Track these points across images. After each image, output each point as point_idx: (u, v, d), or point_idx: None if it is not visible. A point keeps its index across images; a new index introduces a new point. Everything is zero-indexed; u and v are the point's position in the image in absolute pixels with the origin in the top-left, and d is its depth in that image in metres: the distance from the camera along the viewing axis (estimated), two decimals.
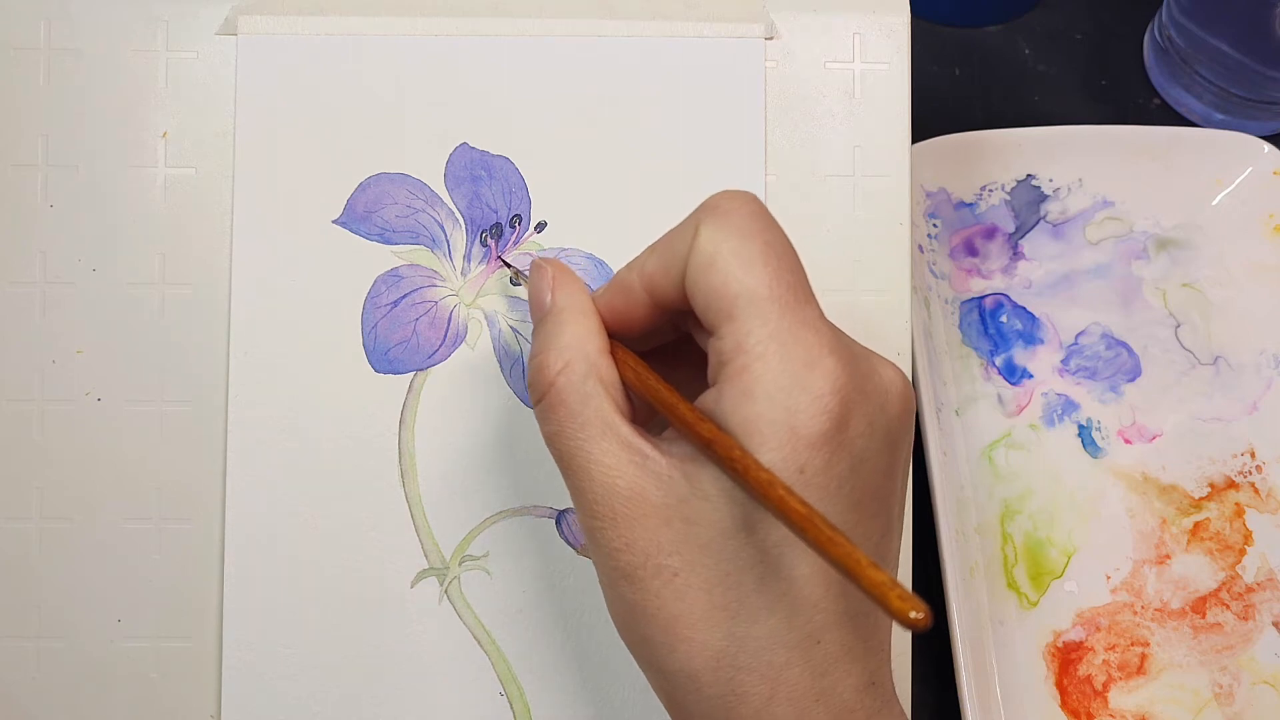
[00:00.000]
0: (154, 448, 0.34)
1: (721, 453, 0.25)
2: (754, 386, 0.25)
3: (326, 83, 0.35)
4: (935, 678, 0.39)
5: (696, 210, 0.27)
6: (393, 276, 0.35)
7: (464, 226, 0.35)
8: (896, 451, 0.27)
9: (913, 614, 0.21)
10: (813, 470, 0.25)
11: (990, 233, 0.46)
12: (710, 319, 0.26)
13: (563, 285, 0.29)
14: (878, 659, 0.27)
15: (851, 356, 0.26)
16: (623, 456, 0.26)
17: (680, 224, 0.27)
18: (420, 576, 0.34)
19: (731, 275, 0.25)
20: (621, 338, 0.29)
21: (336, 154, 0.35)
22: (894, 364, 0.27)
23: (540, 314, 0.29)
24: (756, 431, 0.25)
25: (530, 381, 0.28)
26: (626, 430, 0.26)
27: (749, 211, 0.26)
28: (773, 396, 0.25)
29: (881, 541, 0.27)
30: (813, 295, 0.26)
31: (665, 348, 0.30)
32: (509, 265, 0.34)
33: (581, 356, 0.27)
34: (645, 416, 0.29)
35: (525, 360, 0.35)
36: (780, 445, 0.25)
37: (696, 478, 0.26)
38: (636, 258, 0.28)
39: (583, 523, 0.27)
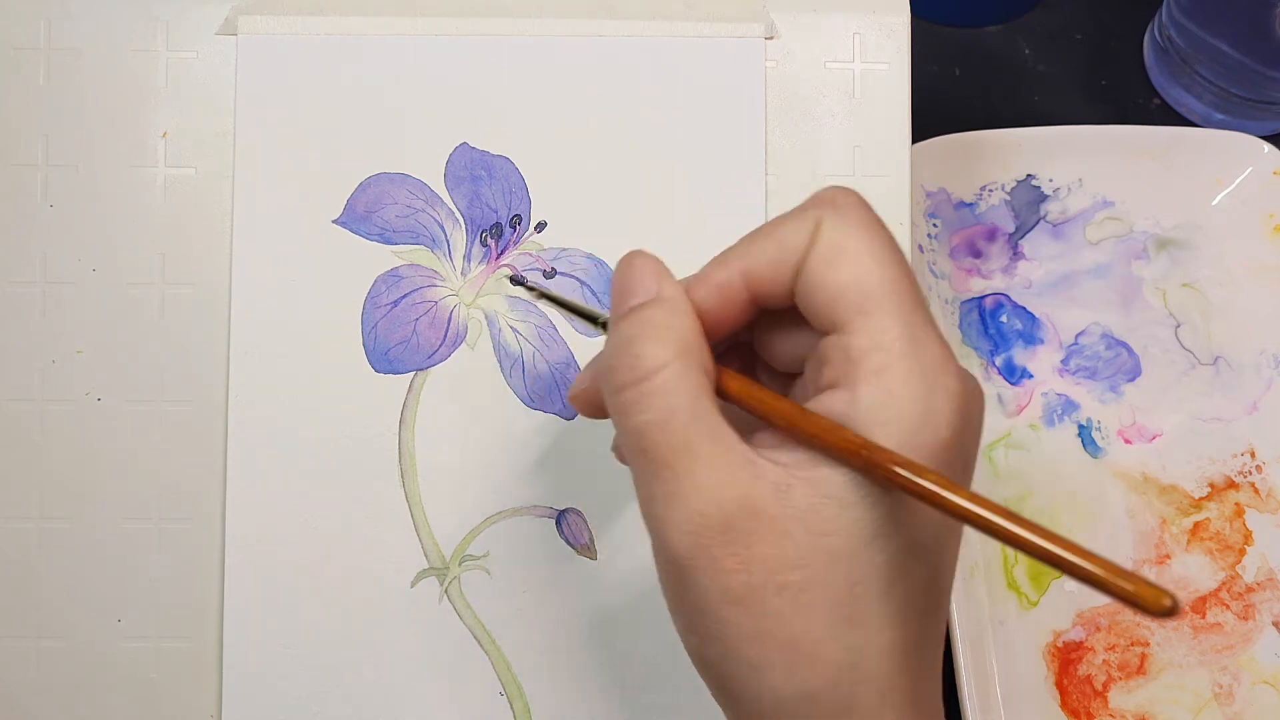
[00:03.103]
0: (154, 448, 0.34)
1: (891, 470, 0.23)
2: (899, 387, 0.24)
3: (326, 83, 0.35)
4: None
5: (807, 204, 0.26)
6: (393, 276, 0.35)
7: (464, 226, 0.35)
8: (979, 448, 0.26)
9: (1167, 602, 0.20)
10: (943, 472, 0.24)
11: (990, 233, 0.46)
12: (838, 315, 0.24)
13: (670, 280, 0.26)
14: (937, 655, 0.27)
15: (954, 355, 0.25)
16: (735, 462, 0.23)
17: (787, 217, 0.26)
18: (420, 576, 0.34)
19: (865, 269, 0.24)
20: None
21: (336, 154, 0.35)
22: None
23: (638, 299, 0.26)
24: (901, 432, 0.23)
25: (614, 365, 0.25)
26: (733, 436, 0.24)
27: (865, 207, 0.26)
28: (918, 397, 0.23)
29: (947, 541, 0.26)
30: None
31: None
32: (521, 282, 0.34)
33: (694, 350, 0.25)
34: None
35: (525, 360, 0.35)
36: (922, 446, 0.23)
37: (825, 485, 0.24)
38: (732, 250, 0.26)
39: (677, 543, 0.24)
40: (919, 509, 0.24)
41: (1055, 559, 0.21)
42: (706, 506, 0.23)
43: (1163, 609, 0.20)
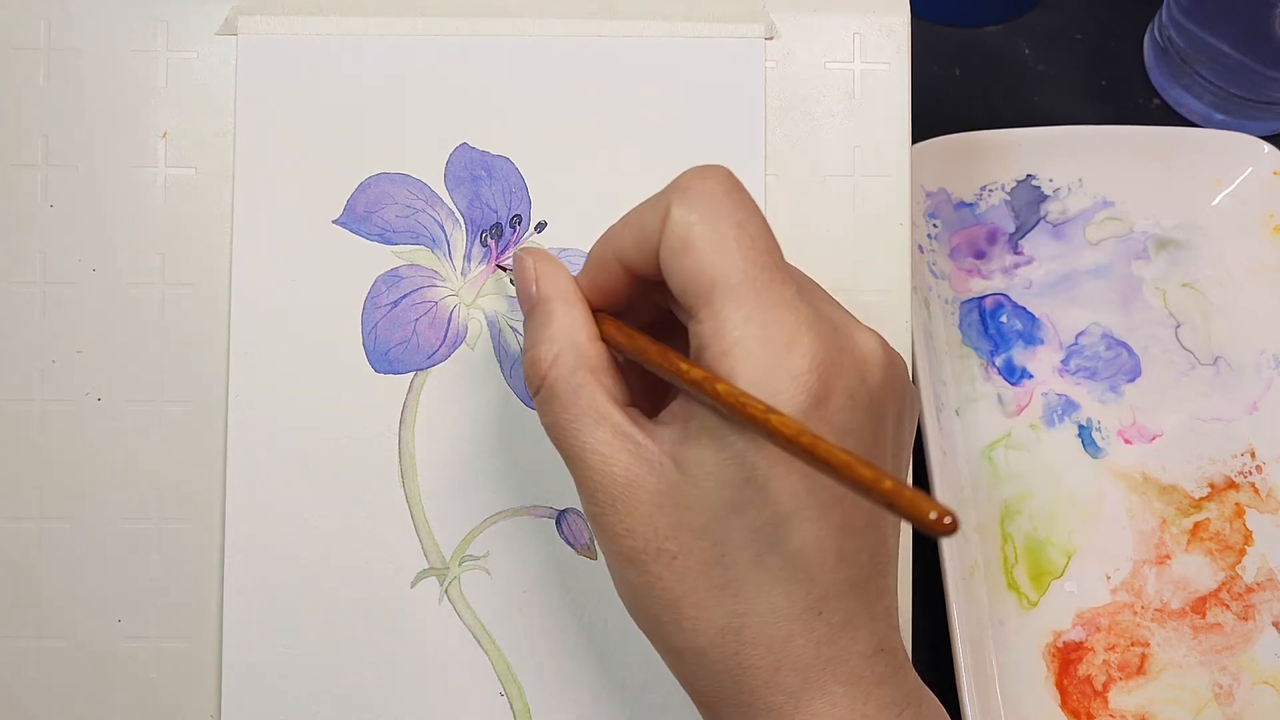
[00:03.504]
0: (154, 448, 0.34)
1: (716, 389, 0.25)
2: (735, 372, 0.25)
3: (326, 83, 0.35)
4: (935, 678, 0.39)
5: (667, 188, 0.27)
6: (393, 276, 0.35)
7: (464, 226, 0.35)
8: (881, 420, 0.27)
9: (932, 514, 0.21)
10: None
11: (990, 233, 0.46)
12: (686, 303, 0.26)
13: (546, 275, 0.29)
14: (884, 625, 0.27)
15: (830, 331, 0.26)
16: (616, 444, 0.26)
17: (651, 200, 0.27)
18: (420, 576, 0.34)
19: (704, 260, 0.25)
20: (609, 312, 0.29)
21: (336, 154, 0.35)
22: (874, 332, 0.27)
23: (528, 306, 0.29)
24: None
25: (525, 375, 0.28)
26: (619, 418, 0.27)
27: (721, 190, 0.26)
28: (755, 381, 0.25)
29: (873, 510, 0.27)
30: (788, 272, 0.26)
31: (648, 328, 0.30)
32: (505, 269, 0.35)
33: (570, 347, 0.27)
34: (645, 402, 0.29)
35: None
36: None
37: (685, 464, 0.26)
38: (610, 230, 0.28)
39: (585, 509, 0.27)
40: (773, 484, 0.25)
41: (851, 475, 0.22)
42: (599, 481, 0.26)
43: (939, 526, 0.21)
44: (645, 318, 0.30)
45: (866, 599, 0.26)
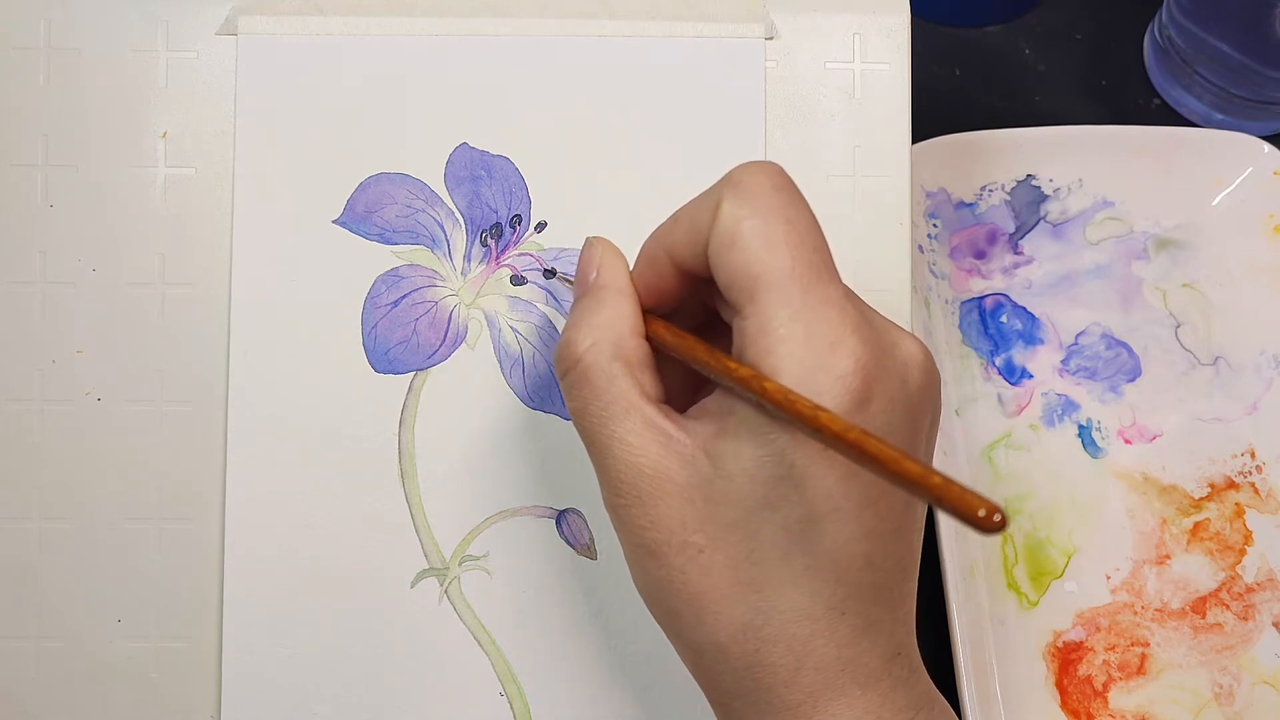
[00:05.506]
0: (154, 448, 0.34)
1: (764, 386, 0.25)
2: (778, 369, 0.25)
3: (326, 83, 0.35)
4: (935, 678, 0.39)
5: (719, 182, 0.27)
6: (393, 276, 0.35)
7: (464, 226, 0.35)
8: (919, 424, 0.27)
9: (981, 512, 0.20)
10: None
11: (990, 233, 0.46)
12: (734, 298, 0.26)
13: (609, 264, 0.29)
14: (903, 630, 0.27)
15: (874, 333, 0.26)
16: (646, 436, 0.26)
17: (703, 195, 0.27)
18: (420, 576, 0.34)
19: (753, 255, 0.25)
20: (658, 312, 0.29)
21: (336, 154, 0.35)
22: (916, 338, 0.27)
23: (582, 290, 0.29)
24: None
25: (557, 355, 0.28)
26: (651, 411, 0.27)
27: (772, 186, 0.26)
28: (798, 379, 0.25)
29: (905, 511, 0.27)
30: (835, 272, 0.26)
31: (692, 332, 0.30)
32: (554, 273, 0.34)
33: (611, 336, 0.27)
34: (679, 401, 0.29)
35: (525, 360, 0.35)
36: None
37: (719, 458, 0.26)
38: (661, 227, 0.28)
39: (607, 500, 0.27)
40: (809, 483, 0.25)
41: (905, 475, 0.22)
42: (623, 471, 0.26)
43: (989, 523, 0.20)
44: (691, 321, 0.30)
45: (889, 603, 0.26)
